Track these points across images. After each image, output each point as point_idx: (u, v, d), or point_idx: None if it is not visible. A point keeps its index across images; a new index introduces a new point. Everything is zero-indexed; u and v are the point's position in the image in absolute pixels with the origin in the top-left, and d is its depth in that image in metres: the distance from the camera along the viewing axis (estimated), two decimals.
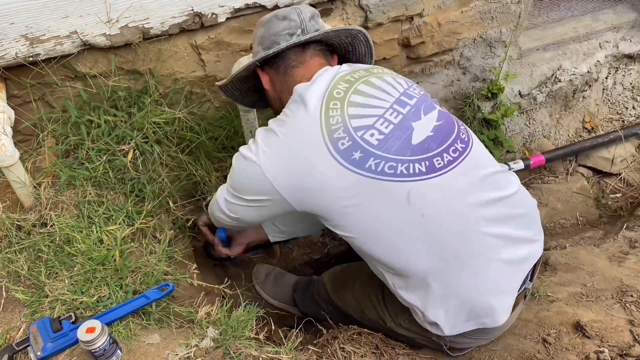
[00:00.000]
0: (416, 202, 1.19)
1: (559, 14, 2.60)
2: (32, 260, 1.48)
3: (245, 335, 1.37)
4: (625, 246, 1.98)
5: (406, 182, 1.18)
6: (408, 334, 1.48)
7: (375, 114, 1.23)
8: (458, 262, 1.25)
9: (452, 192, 1.22)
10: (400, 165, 1.18)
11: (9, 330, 1.34)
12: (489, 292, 1.30)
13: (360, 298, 1.58)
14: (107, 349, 1.20)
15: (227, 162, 1.98)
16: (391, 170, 1.18)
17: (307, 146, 1.21)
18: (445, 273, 1.26)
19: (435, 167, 1.20)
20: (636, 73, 2.74)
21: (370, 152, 1.18)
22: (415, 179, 1.19)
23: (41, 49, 1.56)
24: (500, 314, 1.31)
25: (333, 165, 1.18)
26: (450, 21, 2.18)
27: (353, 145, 1.19)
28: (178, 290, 1.56)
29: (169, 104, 1.84)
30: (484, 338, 1.44)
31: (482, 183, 1.27)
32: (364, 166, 1.17)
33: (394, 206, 1.19)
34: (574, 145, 2.57)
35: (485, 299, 1.29)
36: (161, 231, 1.68)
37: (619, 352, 1.38)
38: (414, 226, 1.21)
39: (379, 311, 1.52)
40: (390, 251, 1.25)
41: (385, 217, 1.20)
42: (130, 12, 1.59)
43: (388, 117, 1.23)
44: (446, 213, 1.22)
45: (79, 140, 1.70)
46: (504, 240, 1.29)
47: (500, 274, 1.30)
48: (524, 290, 1.41)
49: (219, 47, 1.82)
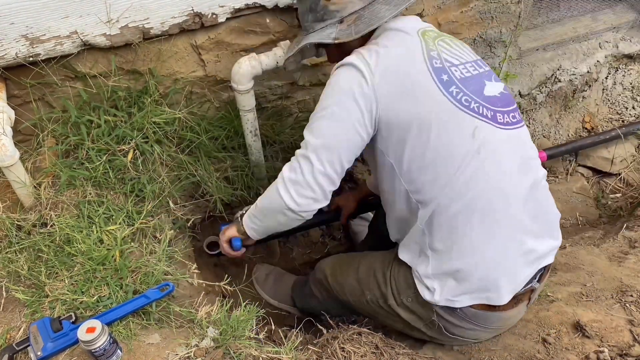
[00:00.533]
0: (479, 138, 1.30)
1: (558, 14, 2.60)
2: (32, 260, 1.48)
3: (245, 335, 1.37)
4: (625, 246, 1.98)
5: (475, 117, 1.31)
6: (408, 314, 1.47)
7: (459, 60, 1.39)
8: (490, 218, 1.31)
9: (507, 149, 1.34)
10: (473, 102, 1.33)
11: (9, 330, 1.34)
12: (501, 266, 1.33)
13: (363, 279, 1.58)
14: (107, 349, 1.20)
15: (227, 162, 1.98)
16: (467, 102, 1.32)
17: (410, 56, 1.33)
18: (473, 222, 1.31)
19: (497, 120, 1.34)
20: (636, 73, 2.74)
21: (454, 80, 1.33)
22: (482, 119, 1.32)
23: (41, 49, 1.56)
24: (505, 293, 1.34)
25: (428, 78, 1.31)
26: (450, 21, 2.18)
27: (443, 69, 1.33)
28: (178, 290, 1.56)
29: (169, 104, 1.84)
30: (482, 327, 1.42)
31: (527, 163, 1.38)
32: (448, 89, 1.31)
33: (460, 135, 1.30)
34: (575, 142, 2.56)
35: (496, 273, 1.32)
36: (161, 231, 1.68)
37: (618, 352, 1.38)
38: (470, 158, 1.30)
39: (382, 289, 1.51)
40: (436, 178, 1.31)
41: (450, 142, 1.30)
42: (131, 12, 1.59)
43: (468, 67, 1.39)
44: (499, 163, 1.32)
45: (79, 140, 1.71)
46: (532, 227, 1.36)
47: (517, 254, 1.34)
48: (530, 288, 1.41)
49: (219, 47, 1.82)
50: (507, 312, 1.39)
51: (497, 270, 1.33)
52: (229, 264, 2.29)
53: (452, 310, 1.37)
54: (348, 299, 1.65)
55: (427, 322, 1.45)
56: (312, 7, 1.42)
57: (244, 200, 2.10)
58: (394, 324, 1.57)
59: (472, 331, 1.43)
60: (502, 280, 1.33)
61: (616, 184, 2.64)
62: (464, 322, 1.39)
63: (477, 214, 1.30)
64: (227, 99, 2.00)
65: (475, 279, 1.32)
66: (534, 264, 1.38)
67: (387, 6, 1.39)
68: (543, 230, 1.40)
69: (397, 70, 1.31)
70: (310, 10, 1.43)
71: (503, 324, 1.45)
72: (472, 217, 1.30)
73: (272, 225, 1.53)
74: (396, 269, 1.48)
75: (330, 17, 1.40)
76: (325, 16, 1.41)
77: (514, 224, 1.33)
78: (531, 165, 1.40)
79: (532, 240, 1.36)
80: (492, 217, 1.31)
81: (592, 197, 2.63)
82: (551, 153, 2.51)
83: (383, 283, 1.52)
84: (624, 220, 2.31)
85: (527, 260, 1.36)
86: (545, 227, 1.41)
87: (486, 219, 1.31)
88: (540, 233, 1.38)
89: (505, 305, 1.37)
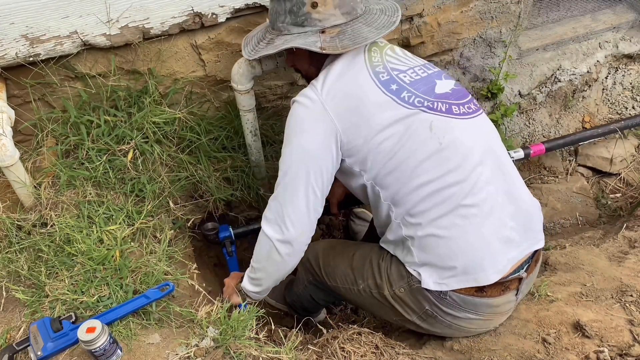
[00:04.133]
0: (437, 132, 1.37)
1: (558, 14, 2.60)
2: (32, 260, 1.48)
3: (245, 335, 1.37)
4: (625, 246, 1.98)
5: (430, 113, 1.39)
6: (401, 305, 1.49)
7: (406, 65, 1.48)
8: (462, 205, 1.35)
9: (467, 136, 1.40)
10: (426, 101, 1.41)
11: (9, 330, 1.35)
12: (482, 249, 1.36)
13: (357, 268, 1.60)
14: (107, 349, 1.20)
15: (227, 162, 1.98)
16: (419, 103, 1.40)
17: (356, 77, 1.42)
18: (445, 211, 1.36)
19: (453, 112, 1.42)
20: (636, 73, 2.74)
21: (404, 86, 1.42)
22: (437, 113, 1.40)
23: (41, 49, 1.56)
24: (491, 273, 1.36)
25: (377, 92, 1.40)
26: (450, 21, 2.18)
27: (391, 79, 1.42)
28: (178, 290, 1.56)
29: (169, 104, 1.84)
30: (473, 313, 1.42)
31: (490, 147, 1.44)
32: (399, 95, 1.40)
33: (419, 132, 1.37)
34: (574, 135, 2.55)
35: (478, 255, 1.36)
36: (161, 231, 1.69)
37: (618, 351, 1.38)
38: (432, 151, 1.37)
39: (377, 279, 1.53)
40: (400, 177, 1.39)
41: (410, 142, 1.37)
42: (131, 12, 1.59)
43: (417, 70, 1.48)
44: (461, 150, 1.38)
45: (78, 140, 1.71)
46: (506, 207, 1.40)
47: (495, 236, 1.37)
48: (517, 277, 1.41)
49: (219, 47, 1.82)
50: (495, 299, 1.40)
51: (480, 252, 1.36)
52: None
53: (443, 297, 1.39)
54: (337, 285, 1.66)
55: (420, 314, 1.46)
56: (292, 10, 1.42)
57: (243, 201, 2.10)
58: (387, 315, 1.58)
59: (466, 319, 1.44)
60: (486, 261, 1.36)
61: (616, 183, 2.64)
62: (454, 309, 1.41)
63: (448, 202, 1.35)
64: (227, 99, 2.00)
65: (460, 262, 1.36)
66: (519, 247, 1.41)
67: (368, 27, 1.45)
68: (516, 208, 1.42)
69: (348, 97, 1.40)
70: (290, 13, 1.43)
71: (493, 311, 1.45)
72: (443, 206, 1.36)
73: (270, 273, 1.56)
74: (389, 260, 1.51)
75: (311, 25, 1.42)
76: (305, 23, 1.42)
77: (487, 207, 1.37)
78: (494, 148, 1.45)
79: (509, 220, 1.40)
80: (464, 203, 1.35)
81: (592, 197, 2.63)
82: (550, 146, 2.49)
83: (378, 274, 1.53)
84: (624, 220, 2.31)
85: (506, 240, 1.39)
86: (520, 209, 1.44)
87: (459, 206, 1.35)
88: (516, 214, 1.42)
89: (492, 292, 1.39)
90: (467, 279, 1.36)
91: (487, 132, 1.47)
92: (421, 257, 1.40)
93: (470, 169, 1.36)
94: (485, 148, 1.42)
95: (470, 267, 1.35)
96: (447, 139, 1.37)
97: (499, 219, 1.38)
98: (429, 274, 1.39)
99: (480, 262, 1.36)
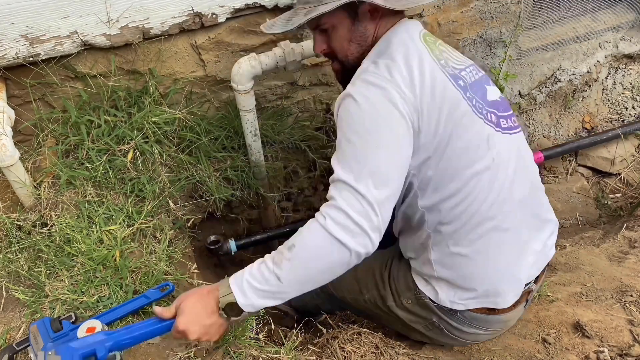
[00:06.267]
0: (492, 146, 1.26)
1: (558, 14, 2.60)
2: (32, 260, 1.48)
3: (245, 335, 1.37)
4: (625, 246, 1.98)
5: (486, 124, 1.26)
6: (407, 315, 1.46)
7: (463, 64, 1.31)
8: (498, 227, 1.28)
9: (512, 155, 1.31)
10: (483, 109, 1.27)
11: (9, 330, 1.34)
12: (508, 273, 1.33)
13: (361, 278, 1.56)
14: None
15: (227, 162, 1.98)
16: (479, 109, 1.26)
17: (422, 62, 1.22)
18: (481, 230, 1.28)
19: (501, 125, 1.30)
20: (636, 73, 2.74)
21: (468, 85, 1.26)
22: (491, 125, 1.27)
23: (41, 49, 1.56)
24: (510, 297, 1.34)
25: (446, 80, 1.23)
26: (450, 21, 2.18)
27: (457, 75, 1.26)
28: (178, 290, 1.56)
29: (169, 104, 1.84)
30: (483, 329, 1.41)
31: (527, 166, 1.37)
32: (465, 94, 1.24)
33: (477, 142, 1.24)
34: (572, 143, 2.57)
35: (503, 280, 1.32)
36: (161, 231, 1.68)
37: (618, 351, 1.38)
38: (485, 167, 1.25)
39: (380, 290, 1.50)
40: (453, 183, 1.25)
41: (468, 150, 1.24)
42: (131, 12, 1.59)
43: (470, 71, 1.31)
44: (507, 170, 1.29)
45: (79, 140, 1.71)
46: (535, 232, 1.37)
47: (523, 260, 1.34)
48: (528, 290, 1.41)
49: (219, 47, 1.82)
50: (506, 314, 1.38)
51: (505, 278, 1.32)
52: (229, 264, 2.29)
53: (453, 314, 1.37)
54: (345, 295, 1.64)
55: (426, 324, 1.45)
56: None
57: (243, 201, 2.10)
58: (392, 325, 1.57)
59: (473, 334, 1.43)
60: (508, 286, 1.33)
61: (616, 184, 2.64)
62: (464, 325, 1.39)
63: (485, 225, 1.28)
64: (227, 99, 2.00)
65: (482, 286, 1.31)
66: (537, 264, 1.39)
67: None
68: (542, 230, 1.40)
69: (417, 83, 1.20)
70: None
71: (503, 326, 1.45)
72: (480, 229, 1.28)
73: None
74: (395, 270, 1.47)
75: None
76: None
77: (520, 231, 1.33)
78: (529, 168, 1.39)
79: (535, 243, 1.37)
80: (500, 226, 1.29)
81: (592, 197, 2.63)
82: (548, 154, 2.51)
83: (382, 284, 1.51)
84: (624, 220, 2.31)
85: (531, 263, 1.36)
86: (544, 227, 1.42)
87: (495, 228, 1.29)
88: (540, 235, 1.39)
89: (505, 309, 1.36)
90: (486, 301, 1.33)
91: (524, 150, 1.39)
92: (441, 273, 1.33)
93: (508, 190, 1.29)
94: (522, 167, 1.34)
95: (491, 291, 1.32)
96: (497, 156, 1.27)
97: (527, 245, 1.35)
98: (446, 291, 1.34)
99: (502, 288, 1.32)
